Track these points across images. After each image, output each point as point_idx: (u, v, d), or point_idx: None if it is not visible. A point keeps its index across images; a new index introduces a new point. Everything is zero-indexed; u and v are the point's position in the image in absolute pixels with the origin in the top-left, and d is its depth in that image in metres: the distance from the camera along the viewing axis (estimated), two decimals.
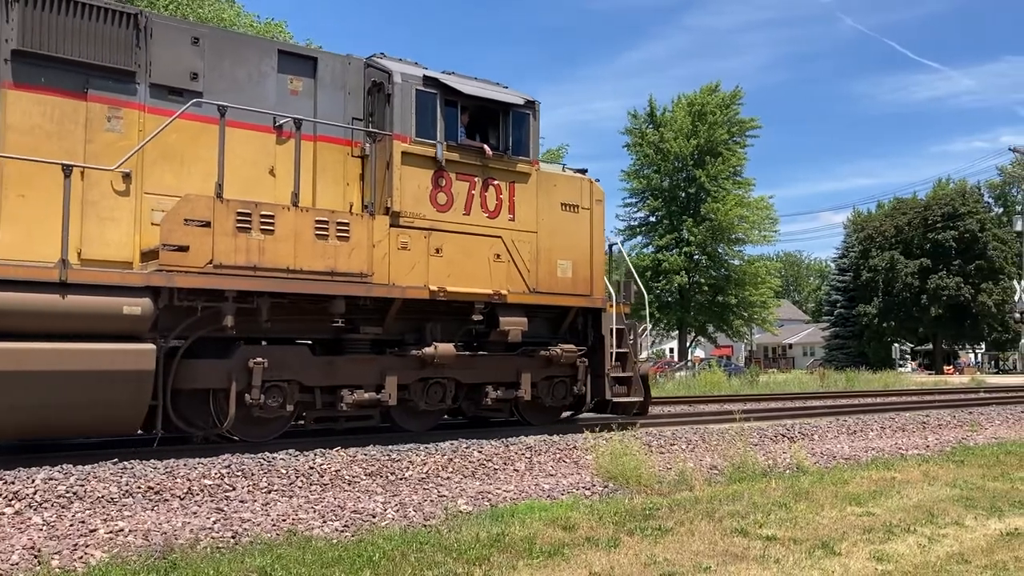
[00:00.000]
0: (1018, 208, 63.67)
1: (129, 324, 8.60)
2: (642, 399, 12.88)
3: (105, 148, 9.01)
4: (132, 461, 8.14)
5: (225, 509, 6.91)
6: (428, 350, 10.69)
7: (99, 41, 9.00)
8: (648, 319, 13.95)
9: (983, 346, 67.50)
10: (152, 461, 8.17)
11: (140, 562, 5.41)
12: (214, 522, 6.45)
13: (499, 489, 8.05)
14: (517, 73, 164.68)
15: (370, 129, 10.66)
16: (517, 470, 9.14)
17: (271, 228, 9.36)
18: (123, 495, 7.12)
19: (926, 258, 59.25)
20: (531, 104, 11.75)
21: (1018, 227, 54.79)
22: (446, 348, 10.80)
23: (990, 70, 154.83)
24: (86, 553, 5.63)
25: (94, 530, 6.15)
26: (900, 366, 57.82)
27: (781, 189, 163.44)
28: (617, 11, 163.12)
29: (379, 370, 10.52)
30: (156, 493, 7.25)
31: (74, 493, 7.02)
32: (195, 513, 6.75)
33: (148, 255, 9.11)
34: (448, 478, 8.62)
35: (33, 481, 7.18)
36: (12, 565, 5.37)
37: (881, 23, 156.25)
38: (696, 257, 49.83)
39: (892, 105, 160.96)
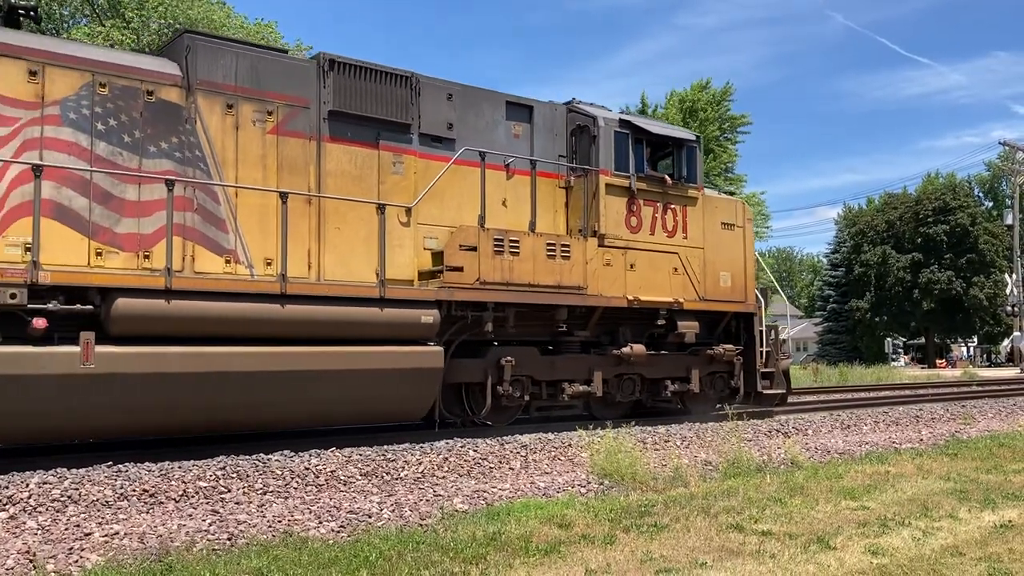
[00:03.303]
0: (1008, 202, 63.90)
1: (424, 331, 10.67)
2: (784, 391, 14.97)
3: (392, 188, 11.05)
4: (126, 464, 8.12)
5: (221, 511, 6.90)
6: (625, 350, 12.71)
7: (387, 100, 11.02)
8: (788, 321, 15.51)
9: (975, 339, 67.73)
10: (147, 464, 8.15)
11: (136, 565, 5.39)
12: (210, 524, 6.44)
13: (495, 488, 8.05)
14: (506, 75, 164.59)
15: (576, 165, 12.78)
16: (513, 469, 9.15)
17: (517, 250, 11.53)
18: (118, 498, 7.10)
19: (918, 252, 59.37)
20: (698, 139, 14.10)
21: (1008, 221, 54.92)
22: (640, 348, 12.84)
23: (980, 66, 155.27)
24: (81, 557, 5.61)
25: (89, 534, 6.14)
26: (893, 360, 58.00)
27: (772, 185, 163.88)
28: (606, 11, 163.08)
29: (588, 367, 12.52)
30: (151, 496, 7.23)
31: (69, 497, 7.00)
32: (190, 515, 6.74)
33: (423, 275, 11.15)
34: (444, 477, 8.62)
35: (27, 485, 7.15)
36: (7, 570, 5.35)
37: (872, 20, 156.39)
38: None
39: (882, 101, 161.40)
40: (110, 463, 8.11)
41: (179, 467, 8.03)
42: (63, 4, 27.81)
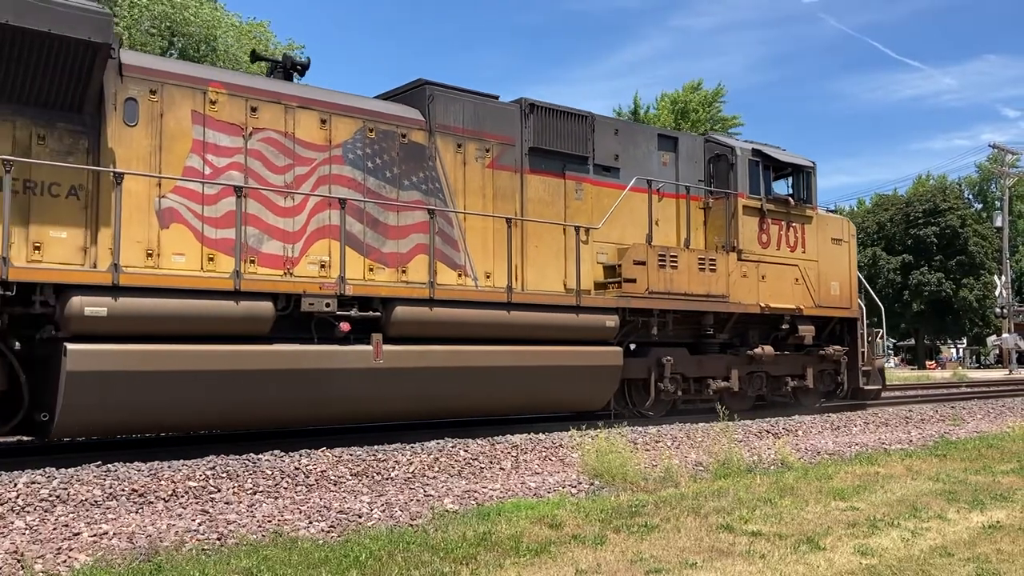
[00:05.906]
0: (998, 204, 64.21)
1: (607, 333, 12.46)
2: (880, 387, 16.94)
3: (575, 211, 12.97)
4: (116, 463, 8.08)
5: (210, 511, 6.87)
6: (757, 351, 14.53)
7: (570, 137, 12.95)
8: (883, 325, 17.55)
9: (964, 341, 67.98)
10: (136, 463, 8.11)
11: (125, 565, 5.37)
12: (199, 524, 6.41)
13: (485, 488, 8.04)
14: (501, 75, 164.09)
15: (715, 188, 14.65)
16: (503, 469, 9.15)
17: (676, 264, 13.31)
18: (107, 498, 7.06)
19: (908, 254, 59.54)
20: (814, 165, 15.88)
21: (998, 223, 55.19)
22: (769, 349, 14.68)
23: (971, 69, 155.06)
24: (70, 557, 5.58)
25: (78, 533, 6.10)
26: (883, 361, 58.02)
27: None
28: (601, 12, 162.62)
29: (726, 365, 14.33)
30: (140, 495, 7.20)
31: (57, 496, 6.96)
32: (180, 515, 6.71)
33: (597, 285, 13.02)
34: (434, 477, 8.61)
35: (15, 485, 7.11)
36: None
37: (864, 23, 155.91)
38: None
39: (873, 104, 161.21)
40: (99, 463, 8.08)
41: (168, 467, 8.00)
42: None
